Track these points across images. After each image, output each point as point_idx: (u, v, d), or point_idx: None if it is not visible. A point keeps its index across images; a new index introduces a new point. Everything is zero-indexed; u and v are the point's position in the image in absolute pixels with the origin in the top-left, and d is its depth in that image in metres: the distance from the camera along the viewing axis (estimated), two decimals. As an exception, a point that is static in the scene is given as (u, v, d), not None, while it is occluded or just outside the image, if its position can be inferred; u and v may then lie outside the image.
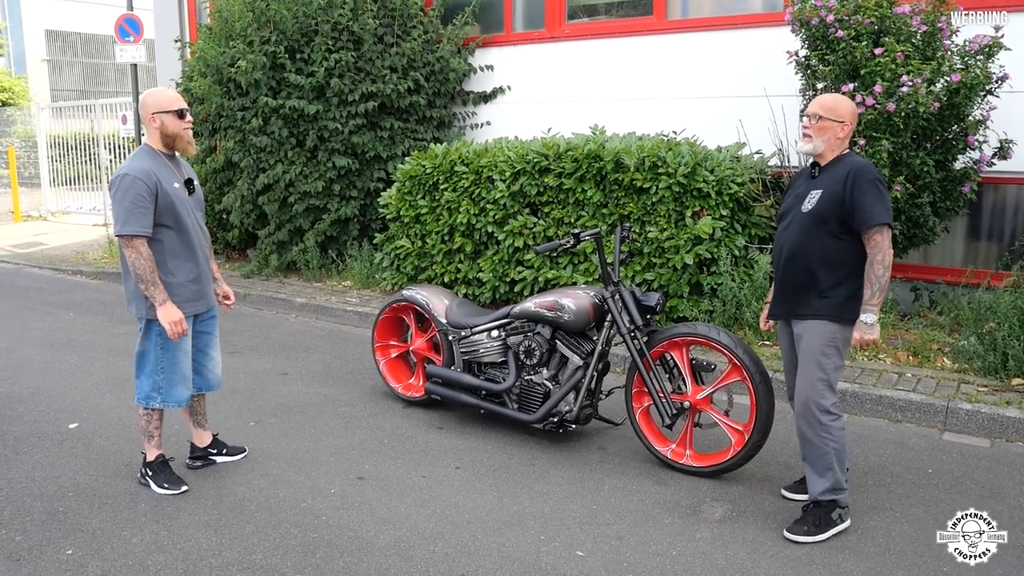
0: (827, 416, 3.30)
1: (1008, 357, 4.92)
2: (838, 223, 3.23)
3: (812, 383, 3.29)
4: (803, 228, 3.31)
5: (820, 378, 3.29)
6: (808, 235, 3.29)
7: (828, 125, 3.29)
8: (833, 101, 3.34)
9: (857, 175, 3.19)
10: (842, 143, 3.32)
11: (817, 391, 3.29)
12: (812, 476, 3.39)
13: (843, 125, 3.29)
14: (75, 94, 24.72)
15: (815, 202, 3.27)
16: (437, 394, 4.67)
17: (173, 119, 3.57)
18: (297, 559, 3.18)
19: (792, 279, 3.37)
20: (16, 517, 3.50)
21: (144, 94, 3.67)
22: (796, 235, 3.34)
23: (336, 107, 7.66)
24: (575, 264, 6.30)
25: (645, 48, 7.32)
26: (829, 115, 3.29)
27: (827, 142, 3.30)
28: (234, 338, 6.44)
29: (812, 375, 3.29)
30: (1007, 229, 6.14)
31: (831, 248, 3.26)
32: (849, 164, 3.25)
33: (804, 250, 3.31)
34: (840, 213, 3.21)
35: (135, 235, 3.43)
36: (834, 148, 3.32)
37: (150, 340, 3.64)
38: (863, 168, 3.21)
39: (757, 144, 6.32)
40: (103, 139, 13.29)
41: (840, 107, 3.30)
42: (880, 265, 3.16)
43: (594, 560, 3.17)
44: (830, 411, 3.30)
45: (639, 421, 4.10)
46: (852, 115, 3.32)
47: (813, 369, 3.29)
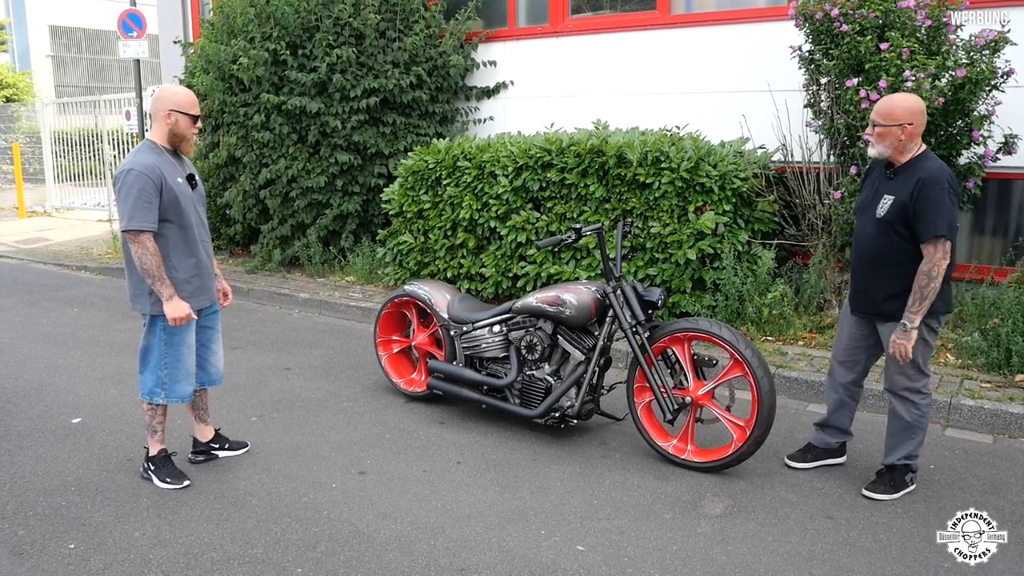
0: (919, 396, 3.54)
1: (1012, 353, 4.90)
2: (907, 229, 3.38)
3: (905, 370, 3.49)
4: (878, 233, 3.47)
5: (911, 365, 3.47)
6: (883, 240, 3.45)
7: (885, 131, 3.37)
8: (888, 106, 3.40)
9: (925, 184, 3.29)
10: (911, 143, 3.39)
11: (910, 376, 3.51)
12: (893, 444, 3.63)
13: (903, 127, 3.34)
14: (80, 90, 24.75)
15: (887, 208, 3.41)
16: (439, 389, 4.67)
17: (187, 121, 3.60)
18: (298, 553, 3.18)
19: (874, 283, 3.53)
20: (19, 511, 3.52)
21: (163, 88, 3.66)
22: (873, 240, 3.50)
23: (338, 103, 7.65)
24: (578, 259, 6.30)
25: (648, 43, 7.30)
26: (885, 121, 3.37)
27: (891, 146, 3.39)
28: (237, 333, 6.45)
29: (903, 366, 3.48)
30: (1011, 225, 6.12)
31: (906, 250, 3.40)
32: (920, 171, 3.34)
33: (882, 255, 3.47)
34: (907, 221, 3.35)
35: (141, 230, 3.43)
36: (902, 150, 3.40)
37: (154, 336, 3.64)
38: (931, 179, 3.29)
39: (760, 139, 6.30)
40: (107, 135, 13.32)
41: (895, 111, 3.36)
42: (925, 275, 3.30)
43: (594, 555, 3.18)
44: (922, 391, 3.55)
45: (641, 416, 4.10)
46: (910, 113, 3.35)
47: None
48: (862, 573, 3.05)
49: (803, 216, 5.98)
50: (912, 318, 3.33)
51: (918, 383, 3.52)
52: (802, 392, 4.95)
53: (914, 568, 3.08)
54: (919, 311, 3.32)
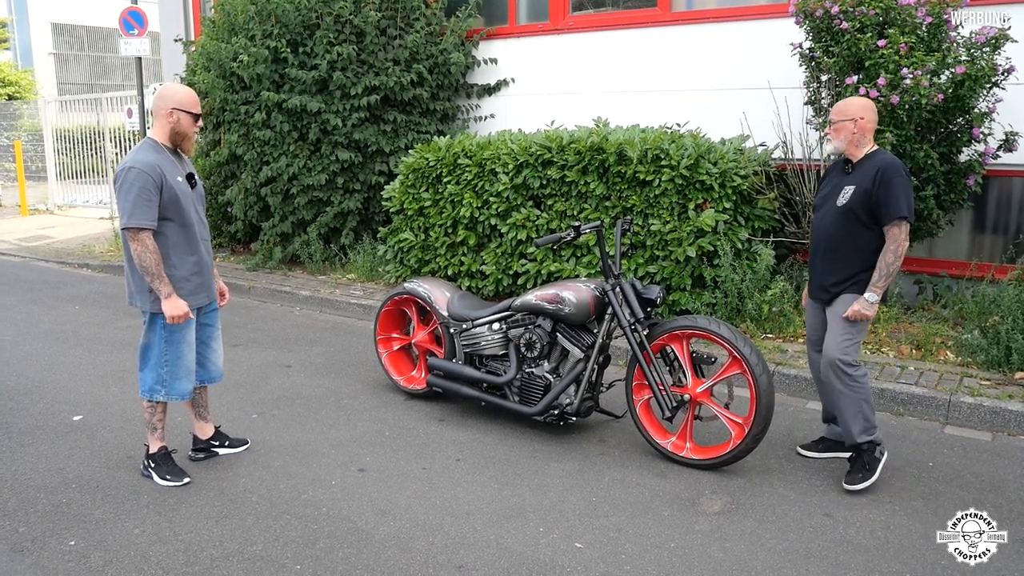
0: (852, 368, 3.67)
1: (1012, 351, 4.90)
2: (868, 216, 3.59)
3: (840, 343, 3.67)
4: (838, 221, 3.67)
5: (847, 338, 3.66)
6: (843, 228, 3.66)
7: (840, 126, 3.65)
8: (843, 104, 3.71)
9: (884, 172, 3.53)
10: (863, 137, 3.65)
11: (843, 349, 3.67)
12: (846, 424, 3.73)
13: (855, 121, 3.61)
14: (82, 88, 24.78)
15: (848, 196, 3.62)
16: (439, 386, 4.68)
17: (189, 120, 3.63)
18: (297, 550, 3.20)
19: (829, 269, 3.73)
20: (20, 508, 3.53)
21: (166, 86, 3.68)
22: (832, 228, 3.70)
23: (339, 100, 7.65)
24: (578, 257, 6.30)
25: (649, 40, 7.30)
26: (839, 116, 3.67)
27: (846, 139, 3.65)
28: (238, 331, 6.46)
29: (840, 336, 3.67)
30: (1012, 222, 6.11)
31: (863, 237, 3.62)
32: (878, 162, 3.59)
33: (840, 242, 3.68)
34: (869, 207, 3.57)
35: (141, 228, 3.45)
36: (857, 144, 3.66)
37: (154, 333, 3.66)
38: (891, 167, 3.55)
39: (761, 136, 6.29)
40: (109, 132, 13.33)
41: (848, 107, 3.67)
42: (892, 254, 3.55)
43: (592, 552, 3.18)
44: (854, 364, 3.69)
45: (639, 414, 4.11)
46: (861, 108, 3.65)
47: (842, 331, 3.67)
48: (860, 570, 3.06)
49: (803, 213, 5.98)
50: (875, 292, 3.57)
51: (850, 356, 3.68)
52: (802, 389, 4.95)
53: (912, 565, 3.09)
54: (883, 286, 3.57)
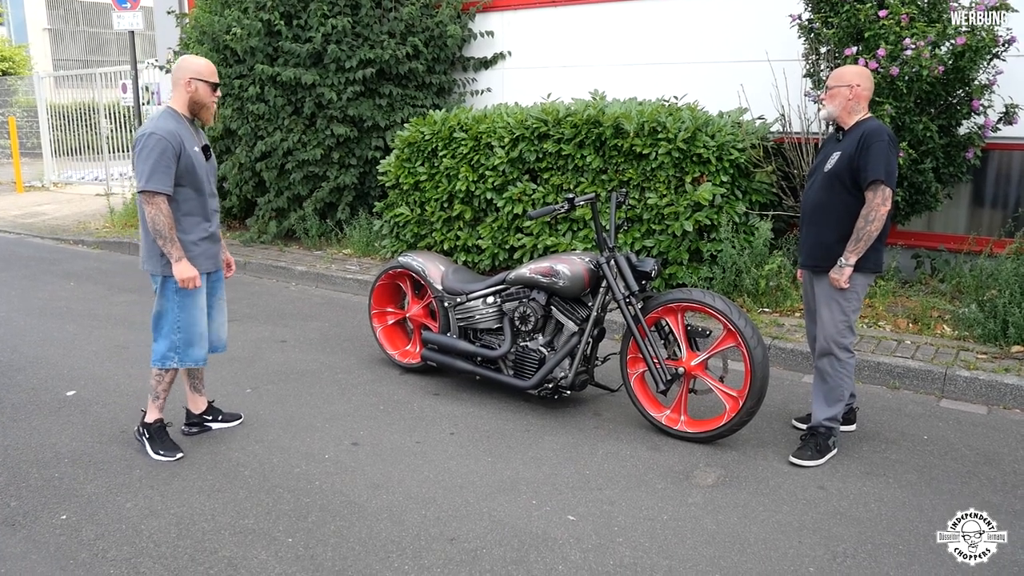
0: (845, 353, 3.65)
1: (1008, 324, 4.88)
2: (852, 181, 3.54)
3: (835, 324, 3.63)
4: (824, 186, 3.64)
5: (842, 320, 3.63)
6: (828, 192, 3.62)
7: (836, 91, 3.61)
8: (840, 70, 3.67)
9: (867, 136, 3.49)
10: (857, 105, 3.60)
11: (839, 331, 3.64)
12: (820, 406, 3.74)
13: (851, 87, 3.58)
14: (78, 63, 24.58)
15: (834, 162, 3.59)
16: (433, 360, 4.66)
17: (208, 89, 3.64)
18: (289, 523, 3.19)
19: (815, 234, 3.69)
20: (12, 483, 3.53)
21: (184, 57, 3.72)
22: (818, 192, 3.67)
23: (334, 74, 7.57)
24: (574, 231, 6.26)
25: (646, 13, 7.20)
26: (834, 82, 3.63)
27: (840, 106, 3.61)
28: (234, 306, 6.42)
29: (835, 317, 3.63)
30: (1011, 196, 6.06)
31: (848, 203, 3.56)
32: (865, 127, 3.55)
33: (825, 207, 3.63)
34: (853, 172, 3.53)
35: (157, 192, 3.47)
36: (850, 111, 3.61)
37: (166, 299, 3.67)
38: (873, 132, 3.50)
39: (759, 109, 6.23)
40: (104, 108, 13.23)
41: (845, 74, 3.63)
42: (863, 219, 3.48)
43: (584, 524, 3.18)
44: (848, 349, 3.66)
45: (634, 387, 4.10)
46: (858, 76, 3.62)
47: (836, 312, 3.63)
48: (852, 542, 3.06)
49: (801, 187, 5.93)
50: (848, 256, 3.51)
51: (846, 339, 3.64)
52: (798, 363, 4.94)
53: (904, 537, 3.09)
54: (855, 251, 3.50)
